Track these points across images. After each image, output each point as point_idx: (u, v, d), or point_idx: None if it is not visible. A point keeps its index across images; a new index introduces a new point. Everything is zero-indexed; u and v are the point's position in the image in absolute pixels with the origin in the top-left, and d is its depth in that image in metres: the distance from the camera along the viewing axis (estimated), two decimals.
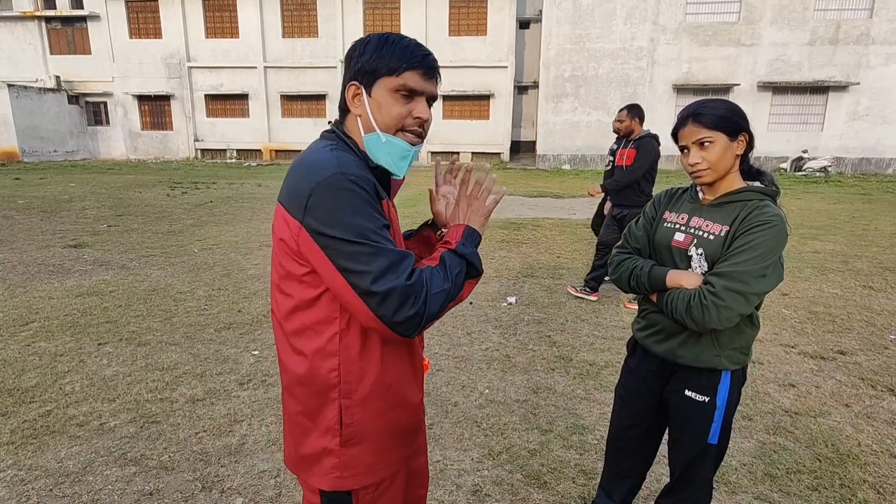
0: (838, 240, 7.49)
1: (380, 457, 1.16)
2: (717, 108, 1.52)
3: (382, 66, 1.07)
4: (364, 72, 1.09)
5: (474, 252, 1.13)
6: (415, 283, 1.00)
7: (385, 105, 1.08)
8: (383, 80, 1.07)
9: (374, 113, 1.09)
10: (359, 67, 1.09)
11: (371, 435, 1.14)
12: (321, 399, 1.11)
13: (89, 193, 11.75)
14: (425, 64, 1.08)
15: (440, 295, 1.04)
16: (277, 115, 23.60)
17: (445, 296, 1.05)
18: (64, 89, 23.46)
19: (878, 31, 18.05)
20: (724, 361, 1.59)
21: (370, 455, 1.15)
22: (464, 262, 1.10)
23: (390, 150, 1.09)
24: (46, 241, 6.98)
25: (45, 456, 2.50)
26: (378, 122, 1.09)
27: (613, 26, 19.37)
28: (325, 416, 1.12)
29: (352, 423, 1.11)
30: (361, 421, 1.12)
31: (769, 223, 1.46)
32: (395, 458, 1.20)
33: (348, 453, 1.13)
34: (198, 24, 23.14)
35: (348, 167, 1.02)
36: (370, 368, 1.11)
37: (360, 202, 1.00)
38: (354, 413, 1.11)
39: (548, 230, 8.13)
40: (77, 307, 4.53)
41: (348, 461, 1.13)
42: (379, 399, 1.13)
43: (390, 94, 1.07)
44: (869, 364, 3.60)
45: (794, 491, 2.32)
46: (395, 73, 1.06)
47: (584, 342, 3.93)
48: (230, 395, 3.10)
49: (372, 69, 1.08)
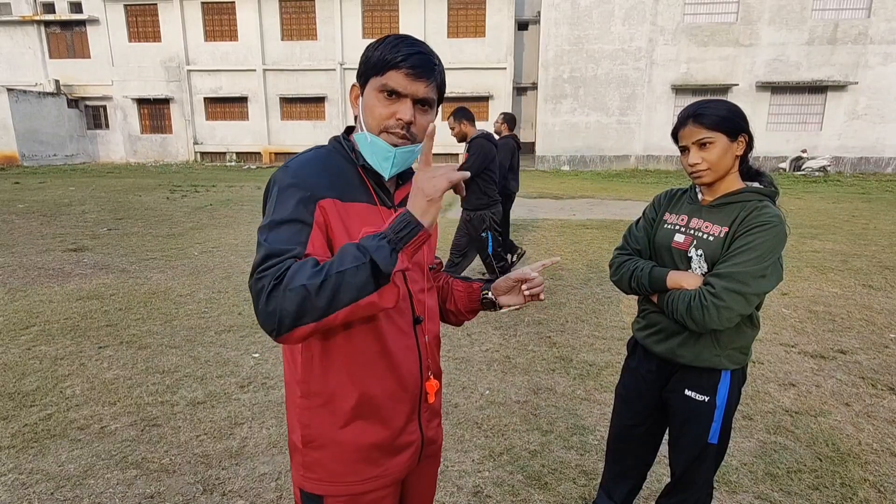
0: (838, 239, 7.50)
1: (349, 468, 1.11)
2: (718, 109, 1.53)
3: (371, 66, 1.05)
4: (361, 72, 1.08)
5: (381, 246, 0.90)
6: (264, 278, 0.90)
7: (370, 105, 1.05)
8: (372, 80, 1.05)
9: (363, 113, 1.07)
10: (360, 67, 1.09)
11: (332, 443, 1.10)
12: (291, 394, 1.13)
13: (89, 197, 11.76)
14: (409, 64, 1.01)
15: (295, 292, 0.87)
16: (277, 117, 23.62)
17: (303, 293, 0.87)
18: (63, 93, 23.49)
19: (875, 30, 18.08)
20: (724, 361, 1.59)
21: (335, 464, 1.11)
22: (365, 255, 0.90)
23: (374, 150, 1.06)
24: (46, 245, 6.98)
25: (45, 460, 2.50)
26: (365, 123, 1.07)
27: (612, 27, 19.40)
28: (293, 412, 1.13)
29: (309, 426, 1.10)
30: (320, 426, 1.09)
31: (769, 224, 1.46)
32: (370, 476, 1.12)
33: (311, 455, 1.11)
34: (197, 27, 23.17)
35: (297, 163, 1.05)
36: (331, 373, 1.07)
37: (281, 195, 1.00)
38: (313, 415, 1.09)
39: (547, 231, 8.13)
40: (77, 311, 4.53)
41: (311, 462, 1.11)
42: (340, 407, 1.08)
43: (375, 93, 1.04)
44: (869, 363, 3.61)
45: (795, 490, 2.32)
46: (381, 73, 1.03)
47: (584, 343, 3.93)
48: (231, 398, 3.10)
49: (366, 69, 1.07)
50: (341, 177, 1.07)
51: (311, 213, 0.99)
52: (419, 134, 1.06)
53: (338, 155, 1.11)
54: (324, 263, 0.91)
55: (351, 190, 1.06)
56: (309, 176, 1.03)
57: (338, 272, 0.88)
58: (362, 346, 1.07)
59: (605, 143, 20.37)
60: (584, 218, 9.35)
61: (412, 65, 1.01)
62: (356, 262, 0.89)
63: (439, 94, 1.09)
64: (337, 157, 1.10)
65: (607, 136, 20.32)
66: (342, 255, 0.91)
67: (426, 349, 1.17)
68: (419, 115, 1.05)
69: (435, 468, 1.33)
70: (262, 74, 23.06)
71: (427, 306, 1.20)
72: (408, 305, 1.14)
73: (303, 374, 1.08)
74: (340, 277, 0.88)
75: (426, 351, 1.17)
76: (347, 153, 1.11)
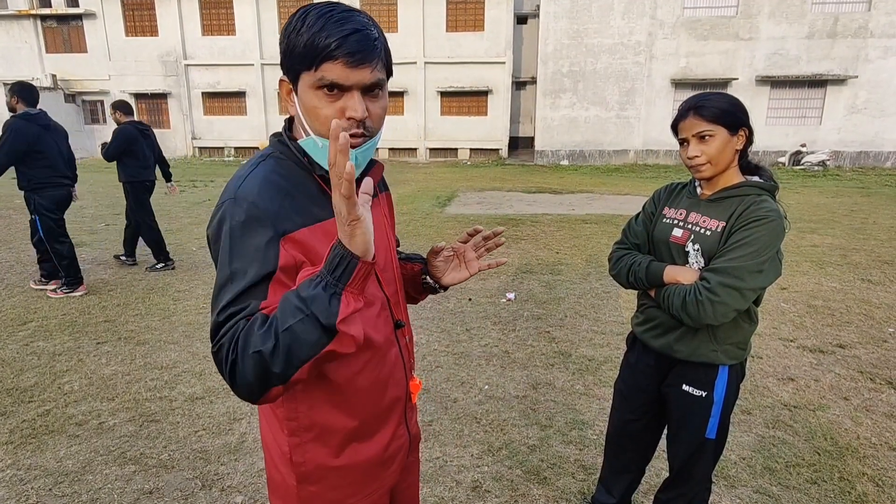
0: (837, 233, 7.50)
1: (347, 492, 1.05)
2: (719, 102, 1.51)
3: (298, 58, 0.86)
4: (288, 66, 0.89)
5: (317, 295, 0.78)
6: (220, 349, 0.82)
7: (311, 107, 0.87)
8: (304, 75, 0.87)
9: (305, 116, 0.90)
10: (285, 59, 0.89)
11: (329, 473, 1.02)
12: (274, 434, 1.03)
13: (86, 192, 11.72)
14: (345, 50, 0.82)
15: (252, 359, 0.78)
16: (275, 112, 23.52)
17: (259, 360, 0.78)
18: (60, 88, 23.37)
19: (876, 24, 18.01)
20: (721, 356, 1.59)
21: (334, 492, 1.04)
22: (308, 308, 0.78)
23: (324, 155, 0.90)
24: None
25: (44, 455, 2.50)
26: (310, 126, 0.90)
27: (611, 21, 19.31)
28: (277, 453, 1.03)
29: (303, 462, 1.00)
30: (314, 460, 1.01)
31: (766, 218, 1.45)
32: (368, 492, 1.08)
33: (308, 490, 1.02)
34: (194, 21, 23.04)
35: (245, 191, 0.87)
36: (318, 406, 0.98)
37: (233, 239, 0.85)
38: (305, 451, 1.00)
39: (546, 226, 8.12)
40: (75, 306, 4.52)
41: (309, 497, 1.03)
42: (333, 438, 1.00)
43: (313, 92, 0.86)
44: (868, 357, 3.61)
45: (794, 484, 2.33)
46: (312, 67, 0.84)
47: (583, 338, 3.93)
48: (229, 394, 3.09)
49: (292, 62, 0.87)
50: (301, 194, 0.91)
51: (274, 256, 0.85)
52: (375, 124, 0.91)
53: (289, 162, 0.94)
54: (271, 318, 0.80)
55: (314, 207, 0.91)
56: (268, 205, 0.86)
57: (283, 330, 0.77)
58: (346, 372, 0.97)
59: (604, 137, 20.32)
60: (584, 213, 9.34)
61: (350, 51, 0.83)
62: (299, 314, 0.77)
63: (388, 70, 0.91)
64: (289, 167, 0.93)
65: (606, 130, 20.26)
66: (284, 307, 0.79)
67: (407, 350, 1.11)
68: (371, 104, 0.88)
69: (416, 462, 1.29)
70: (261, 69, 22.95)
71: (403, 305, 1.12)
72: (387, 313, 1.04)
73: (287, 413, 0.97)
74: (288, 336, 0.77)
75: (407, 353, 1.11)
76: (299, 158, 0.94)
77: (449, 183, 13.95)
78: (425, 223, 8.19)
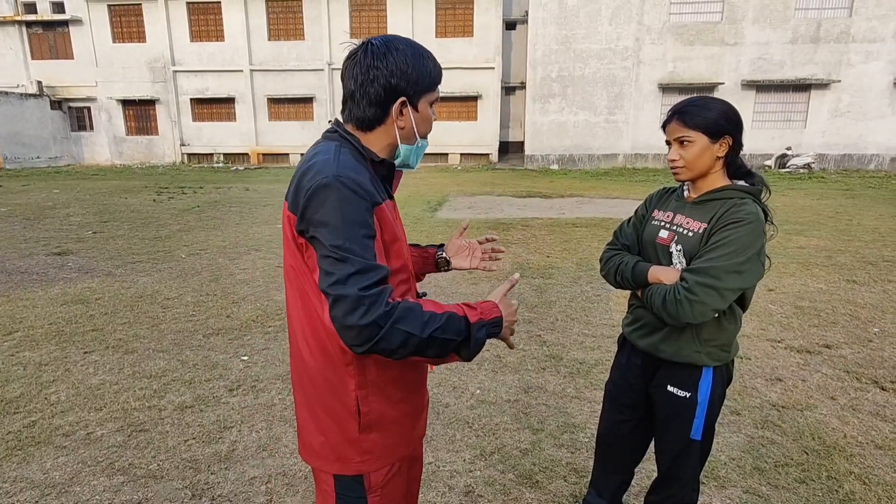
0: (822, 235, 7.61)
1: (396, 440, 1.23)
2: (704, 110, 1.53)
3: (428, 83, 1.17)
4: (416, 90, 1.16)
5: (480, 339, 1.09)
6: (371, 295, 1.00)
7: (427, 117, 1.21)
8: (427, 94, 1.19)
9: (419, 125, 1.20)
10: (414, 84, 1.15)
11: (386, 421, 1.20)
12: (339, 389, 1.17)
13: (73, 200, 11.60)
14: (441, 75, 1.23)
15: (403, 335, 1.01)
16: (264, 118, 23.46)
17: (407, 339, 1.01)
18: (46, 95, 23.13)
19: (857, 29, 18.35)
20: (704, 358, 1.61)
21: (387, 438, 1.21)
22: (463, 337, 1.06)
23: (419, 152, 1.25)
24: (30, 249, 6.87)
25: (30, 467, 2.46)
26: (419, 131, 1.21)
27: (599, 26, 19.51)
28: (344, 406, 1.17)
29: (369, 412, 1.18)
30: (378, 409, 1.18)
31: (744, 220, 1.48)
32: (410, 439, 1.28)
33: (368, 439, 1.19)
34: (182, 27, 22.94)
35: (346, 170, 1.07)
36: (385, 361, 1.14)
37: (345, 206, 1.03)
38: (372, 402, 1.17)
39: (537, 230, 8.16)
40: (62, 315, 4.46)
41: (369, 447, 1.19)
42: (393, 387, 1.20)
43: (428, 106, 1.21)
44: (854, 357, 3.66)
45: (783, 484, 2.35)
46: (433, 88, 1.20)
47: (575, 341, 3.95)
48: (219, 402, 3.07)
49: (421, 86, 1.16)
50: (372, 177, 1.15)
51: (373, 223, 1.07)
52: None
53: (356, 153, 1.15)
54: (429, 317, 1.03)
55: (378, 189, 1.14)
56: (363, 182, 1.08)
57: (441, 338, 1.03)
58: None
59: (593, 141, 20.48)
60: (574, 216, 9.40)
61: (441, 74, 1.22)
62: (457, 336, 1.06)
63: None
64: (356, 155, 1.14)
65: (595, 134, 20.42)
66: (448, 323, 1.05)
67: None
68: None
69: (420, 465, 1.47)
70: (250, 75, 22.89)
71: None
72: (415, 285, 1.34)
73: (358, 368, 1.15)
74: (438, 343, 1.04)
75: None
76: (359, 150, 1.16)
77: (440, 187, 13.97)
78: (416, 228, 8.19)
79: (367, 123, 1.16)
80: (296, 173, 1.12)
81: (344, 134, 1.18)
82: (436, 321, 1.03)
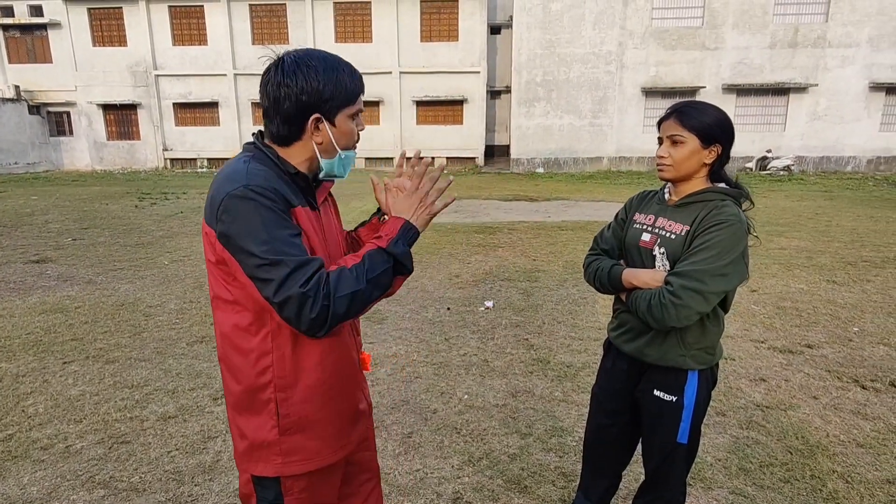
0: (803, 236, 7.74)
1: (321, 444, 1.24)
2: (702, 114, 1.55)
3: (344, 98, 1.17)
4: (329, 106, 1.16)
5: (405, 251, 1.17)
6: (310, 289, 1.05)
7: (347, 131, 1.21)
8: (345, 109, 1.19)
9: (338, 139, 1.20)
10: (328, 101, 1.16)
11: (310, 424, 1.22)
12: (258, 394, 1.19)
13: (52, 206, 11.37)
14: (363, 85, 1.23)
15: (346, 298, 1.08)
16: (249, 122, 23.24)
17: (352, 298, 1.09)
18: (24, 99, 22.67)
19: (833, 34, 18.77)
20: (689, 361, 1.62)
21: (309, 441, 1.22)
22: (391, 259, 1.15)
23: (346, 163, 1.25)
24: (6, 257, 6.71)
25: (6, 483, 2.40)
26: (338, 144, 1.21)
27: (582, 31, 19.69)
28: (263, 410, 1.19)
29: (289, 415, 1.19)
30: (299, 412, 1.20)
31: (726, 222, 1.49)
32: (339, 446, 1.28)
33: (288, 440, 1.20)
34: (164, 31, 22.66)
35: (255, 179, 1.09)
36: (305, 363, 1.18)
37: (263, 213, 1.06)
38: (291, 405, 1.19)
39: (523, 233, 8.18)
40: (40, 325, 4.36)
41: (289, 448, 1.21)
42: (316, 391, 1.21)
43: (347, 119, 1.20)
44: (835, 356, 3.72)
45: (768, 484, 2.37)
46: (353, 102, 1.19)
47: (561, 344, 3.96)
48: (203, 411, 3.02)
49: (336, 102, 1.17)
50: (287, 184, 1.17)
51: (294, 222, 1.12)
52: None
53: (269, 162, 1.18)
54: (356, 269, 1.11)
55: (296, 196, 1.17)
56: (277, 187, 1.11)
57: (375, 277, 1.12)
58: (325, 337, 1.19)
59: (578, 145, 20.64)
60: (559, 220, 9.45)
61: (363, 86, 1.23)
62: (385, 265, 1.14)
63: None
64: (269, 165, 1.17)
65: (580, 138, 20.59)
66: (372, 262, 1.13)
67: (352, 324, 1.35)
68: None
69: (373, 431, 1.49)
70: (234, 79, 22.68)
71: None
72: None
73: (277, 372, 1.17)
74: (375, 281, 1.12)
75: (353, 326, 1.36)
76: (274, 161, 1.18)
77: None
78: None
79: (284, 140, 1.19)
80: (210, 187, 1.15)
81: (261, 146, 1.20)
82: (363, 268, 1.12)
